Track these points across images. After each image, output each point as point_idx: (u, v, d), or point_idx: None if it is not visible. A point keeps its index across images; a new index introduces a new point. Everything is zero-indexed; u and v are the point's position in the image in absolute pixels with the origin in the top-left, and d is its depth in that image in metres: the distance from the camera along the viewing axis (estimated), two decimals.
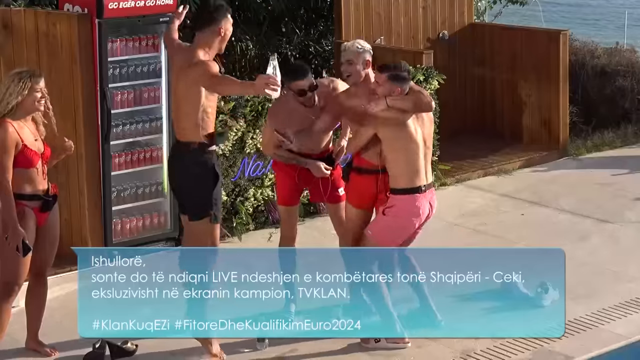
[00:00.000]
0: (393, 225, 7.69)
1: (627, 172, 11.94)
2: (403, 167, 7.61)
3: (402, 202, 7.64)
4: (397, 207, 7.64)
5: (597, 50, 14.09)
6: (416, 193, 7.65)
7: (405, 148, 7.56)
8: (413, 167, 7.62)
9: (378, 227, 7.73)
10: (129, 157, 9.44)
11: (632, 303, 8.46)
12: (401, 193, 7.63)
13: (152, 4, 9.30)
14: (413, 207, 7.67)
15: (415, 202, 7.66)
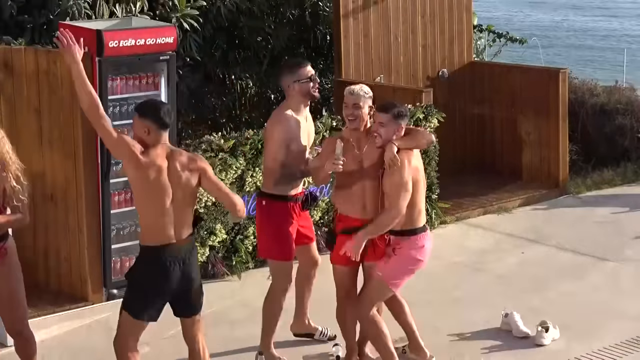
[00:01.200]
0: (403, 265, 7.63)
1: (626, 210, 11.94)
2: (411, 208, 7.53)
3: (411, 242, 7.59)
4: (405, 248, 7.58)
5: (597, 88, 14.12)
6: (423, 232, 7.63)
7: (417, 189, 7.52)
8: (419, 207, 7.60)
9: (389, 268, 7.62)
10: (129, 195, 9.42)
11: (633, 342, 8.44)
12: (409, 234, 7.58)
13: (152, 42, 9.32)
14: (421, 246, 7.64)
15: (423, 241, 7.64)
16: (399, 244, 7.58)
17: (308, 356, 8.20)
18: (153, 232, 6.69)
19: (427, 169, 11.06)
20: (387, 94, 11.39)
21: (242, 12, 12.48)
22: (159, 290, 6.73)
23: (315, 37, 13.07)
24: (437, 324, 8.80)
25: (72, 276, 9.35)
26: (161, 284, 6.70)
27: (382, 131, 7.46)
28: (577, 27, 39.57)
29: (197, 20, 11.31)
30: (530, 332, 8.51)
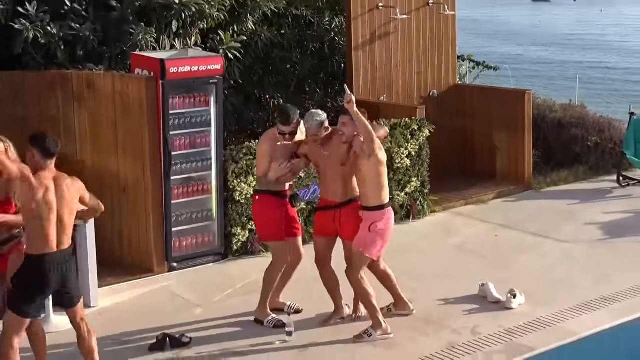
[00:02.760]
0: (373, 236, 7.62)
1: (578, 202, 11.92)
2: (380, 188, 7.60)
3: (379, 215, 7.61)
4: (376, 221, 7.59)
5: (555, 106, 14.11)
6: (388, 207, 7.69)
7: (384, 173, 7.61)
8: (385, 187, 7.65)
9: (362, 241, 7.64)
10: (186, 189, 9.47)
11: (583, 306, 8.43)
12: (379, 209, 7.61)
13: (204, 69, 9.37)
14: (387, 218, 7.68)
15: (388, 214, 7.69)
16: (372, 219, 7.59)
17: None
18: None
19: (420, 169, 11.11)
20: (389, 110, 11.42)
21: (275, 46, 12.51)
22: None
23: (332, 65, 13.08)
24: (427, 291, 8.80)
25: (141, 252, 9.40)
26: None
27: (345, 130, 7.58)
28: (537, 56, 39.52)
29: (239, 52, 11.34)
30: (501, 298, 8.51)
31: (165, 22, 10.61)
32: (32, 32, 9.88)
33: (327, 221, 7.83)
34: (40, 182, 6.31)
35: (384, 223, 7.63)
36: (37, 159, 6.41)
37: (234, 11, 11.61)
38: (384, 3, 12.32)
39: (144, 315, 8.34)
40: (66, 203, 6.40)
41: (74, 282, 6.61)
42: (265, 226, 8.04)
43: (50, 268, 6.33)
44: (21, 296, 6.40)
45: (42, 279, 6.34)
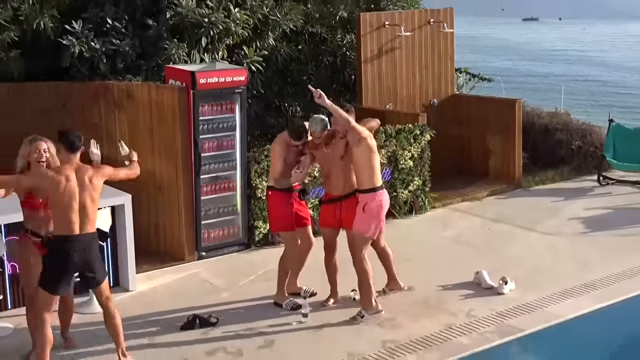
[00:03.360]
0: (368, 216, 7.62)
1: (563, 199, 11.87)
2: (372, 172, 7.61)
3: (372, 196, 7.61)
4: (369, 203, 7.60)
5: (542, 113, 14.06)
6: (380, 190, 7.68)
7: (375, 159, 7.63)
8: (376, 172, 7.65)
9: (359, 224, 7.65)
10: (213, 187, 9.48)
11: (566, 292, 8.40)
12: (372, 191, 7.62)
13: (230, 80, 9.37)
14: (379, 199, 7.66)
15: (381, 196, 7.67)
16: (365, 200, 7.60)
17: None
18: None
19: (422, 170, 11.09)
20: (394, 116, 11.40)
21: (293, 60, 12.50)
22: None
23: (344, 77, 13.07)
24: (428, 278, 8.79)
25: (174, 243, 9.42)
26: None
27: (339, 127, 7.64)
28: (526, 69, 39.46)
29: (261, 65, 11.34)
30: (494, 285, 8.49)
31: (196, 39, 10.63)
32: (78, 47, 9.92)
33: (330, 213, 7.88)
34: (61, 173, 6.35)
35: (375, 203, 7.63)
36: (62, 153, 6.48)
37: (256, 29, 11.62)
38: (390, 22, 12.30)
39: (176, 298, 8.35)
40: (88, 191, 6.40)
41: (98, 264, 6.59)
42: (276, 219, 8.07)
43: (72, 249, 6.34)
44: (48, 275, 6.44)
45: (64, 259, 6.36)
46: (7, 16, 9.77)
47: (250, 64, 11.11)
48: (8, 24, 9.80)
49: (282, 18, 11.83)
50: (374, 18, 12.26)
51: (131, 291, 8.45)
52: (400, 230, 10.45)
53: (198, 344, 7.29)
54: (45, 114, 9.47)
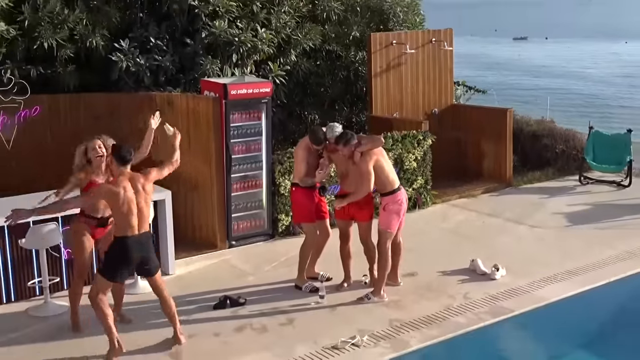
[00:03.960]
0: (390, 214, 7.68)
1: (548, 196, 11.81)
2: (387, 178, 7.67)
3: (392, 198, 7.68)
4: (390, 203, 7.66)
5: (530, 121, 13.99)
6: (398, 191, 7.73)
7: (384, 168, 7.66)
8: (391, 177, 7.71)
9: (382, 220, 7.70)
10: (242, 184, 9.49)
11: (551, 278, 8.37)
12: (391, 193, 7.68)
13: (257, 91, 9.38)
14: (399, 199, 7.72)
15: (399, 196, 7.73)
16: (386, 201, 7.67)
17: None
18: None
19: (424, 170, 11.07)
20: (400, 123, 11.38)
21: (312, 74, 12.51)
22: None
23: (356, 89, 13.05)
24: (429, 265, 8.78)
25: (209, 233, 9.44)
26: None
27: (345, 152, 7.66)
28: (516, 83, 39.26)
29: (284, 78, 11.36)
30: (487, 271, 8.47)
31: (227, 55, 10.66)
32: (126, 63, 9.97)
33: (344, 207, 7.86)
34: (119, 186, 6.41)
35: (396, 204, 7.68)
36: (114, 165, 6.56)
37: (280, 47, 11.64)
38: (397, 41, 12.27)
39: (210, 281, 8.38)
40: (142, 196, 6.49)
41: (152, 257, 6.65)
42: (299, 212, 8.11)
43: (133, 247, 6.41)
44: (110, 266, 6.52)
45: (125, 256, 6.43)
46: (64, 36, 9.84)
47: (275, 78, 11.13)
48: (65, 42, 9.86)
49: (302, 38, 11.85)
50: (383, 37, 12.24)
51: (171, 275, 8.48)
52: (405, 223, 10.39)
53: (228, 321, 7.32)
54: (97, 121, 9.53)
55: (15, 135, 8.97)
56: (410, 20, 13.39)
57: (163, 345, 6.78)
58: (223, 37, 10.50)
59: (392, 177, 7.74)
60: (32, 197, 8.07)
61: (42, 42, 9.63)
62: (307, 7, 12.27)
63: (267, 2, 11.39)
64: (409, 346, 6.83)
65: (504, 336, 7.52)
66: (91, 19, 10.08)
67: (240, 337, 7.01)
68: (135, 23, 10.58)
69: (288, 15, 11.59)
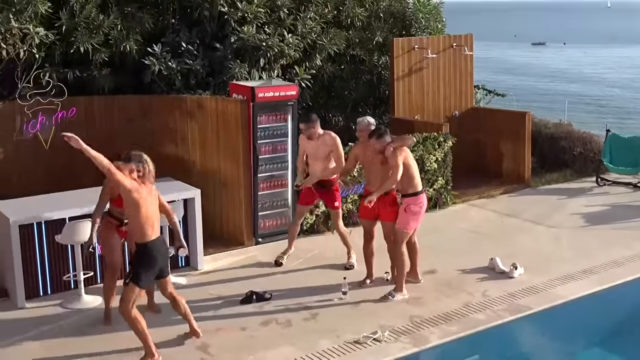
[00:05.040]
0: (409, 216, 7.59)
1: (566, 197, 11.69)
2: (411, 179, 7.58)
3: (414, 200, 7.59)
4: (411, 204, 7.57)
5: (548, 124, 13.85)
6: (421, 194, 7.66)
7: (411, 167, 7.60)
8: (416, 179, 7.62)
9: (401, 221, 7.61)
10: (269, 184, 9.48)
11: (568, 277, 8.27)
12: (413, 195, 7.60)
13: (283, 94, 9.36)
14: (420, 202, 7.65)
15: (421, 199, 7.66)
16: (407, 203, 7.57)
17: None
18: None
19: (445, 171, 10.99)
20: (421, 126, 11.32)
21: (336, 77, 12.48)
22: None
23: (379, 92, 13.00)
24: (449, 263, 8.71)
25: (235, 230, 9.44)
26: None
27: (377, 146, 7.59)
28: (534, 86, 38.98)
29: (309, 82, 11.34)
30: (506, 269, 8.38)
31: (255, 59, 10.66)
32: (158, 67, 10.00)
33: (368, 206, 7.72)
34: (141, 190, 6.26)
35: (417, 206, 7.62)
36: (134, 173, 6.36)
37: (306, 51, 11.62)
38: (418, 46, 12.22)
39: (237, 277, 8.37)
40: (156, 203, 6.39)
41: (167, 260, 6.54)
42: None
43: (158, 249, 6.29)
44: (139, 272, 6.30)
45: (153, 258, 6.28)
46: (99, 40, 9.89)
47: (301, 81, 11.12)
48: (100, 46, 9.92)
49: (327, 42, 11.82)
50: (405, 42, 12.19)
51: (200, 270, 8.50)
52: (426, 222, 10.24)
53: (254, 316, 7.31)
54: (130, 122, 9.58)
55: (53, 135, 9.03)
56: (432, 26, 13.31)
57: (192, 338, 6.78)
58: (251, 42, 10.50)
59: (417, 178, 7.65)
60: (69, 195, 8.16)
61: (78, 46, 9.69)
62: (332, 13, 12.25)
63: (293, 8, 11.38)
64: (428, 342, 6.78)
65: (522, 333, 7.44)
66: (125, 24, 10.12)
67: (265, 332, 6.99)
68: (167, 28, 10.62)
69: (314, 21, 11.57)
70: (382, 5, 13.09)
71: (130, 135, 9.48)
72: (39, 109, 8.94)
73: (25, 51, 9.19)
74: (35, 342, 6.76)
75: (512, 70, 48.09)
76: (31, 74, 9.16)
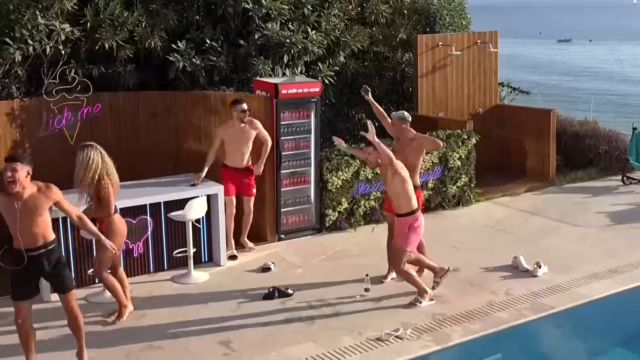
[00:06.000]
0: (409, 235, 7.34)
1: (591, 196, 11.58)
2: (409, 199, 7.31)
3: (411, 219, 7.30)
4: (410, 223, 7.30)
5: (574, 121, 13.74)
6: (417, 212, 7.37)
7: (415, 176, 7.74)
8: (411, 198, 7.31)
9: (408, 241, 7.36)
10: (292, 180, 9.49)
11: (592, 276, 8.20)
12: (410, 214, 7.31)
13: (307, 91, 9.36)
14: (416, 219, 7.34)
15: (417, 218, 7.36)
16: (409, 222, 7.28)
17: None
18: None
19: (468, 169, 10.92)
20: (445, 123, 11.25)
21: (360, 74, 12.43)
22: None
23: (403, 89, 12.95)
24: (472, 261, 8.67)
25: (258, 226, 9.44)
26: None
27: (371, 157, 7.45)
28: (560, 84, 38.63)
29: (333, 78, 11.31)
30: (529, 268, 8.33)
31: (279, 56, 10.65)
32: (182, 63, 10.03)
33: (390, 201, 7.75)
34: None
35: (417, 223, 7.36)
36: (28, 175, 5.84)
37: (329, 48, 11.59)
38: (442, 42, 12.15)
39: (259, 273, 8.39)
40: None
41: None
42: None
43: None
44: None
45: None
46: (124, 37, 9.94)
47: (324, 78, 11.09)
48: (125, 43, 9.97)
49: (351, 39, 11.79)
50: (429, 39, 12.13)
51: (222, 266, 8.52)
52: (449, 220, 10.32)
53: (276, 312, 7.32)
54: (154, 117, 9.62)
55: (78, 131, 9.10)
56: (457, 23, 13.23)
57: (214, 333, 6.81)
58: (275, 38, 10.50)
59: (413, 198, 7.30)
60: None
61: (103, 43, 9.75)
62: (355, 10, 12.22)
63: (317, 5, 11.36)
64: (451, 340, 6.75)
65: (545, 332, 7.38)
66: (150, 21, 10.16)
67: (287, 328, 7.00)
68: (191, 25, 10.64)
69: (337, 18, 11.54)
70: (406, 2, 13.04)
71: (154, 131, 9.53)
72: (65, 105, 9.01)
73: (52, 47, 9.26)
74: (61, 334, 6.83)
75: (537, 68, 47.70)
76: (57, 70, 9.23)
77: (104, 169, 6.81)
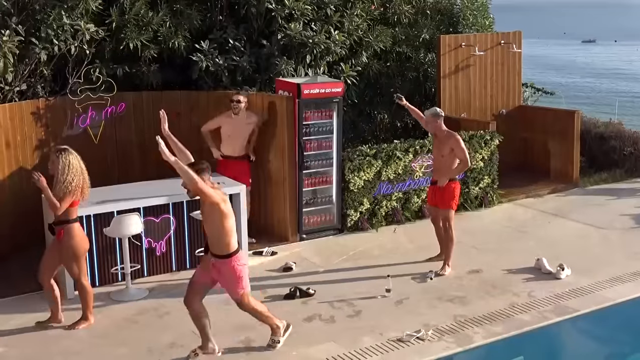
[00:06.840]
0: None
1: (615, 198, 11.47)
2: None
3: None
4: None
5: (598, 122, 13.61)
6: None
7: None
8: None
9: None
10: (313, 180, 9.50)
11: (616, 279, 8.12)
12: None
13: (329, 91, 9.37)
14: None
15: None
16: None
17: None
18: None
19: (491, 170, 10.86)
20: (468, 124, 11.21)
21: (382, 74, 12.42)
22: None
23: (425, 90, 12.90)
24: (495, 262, 8.62)
25: (280, 226, 9.47)
26: None
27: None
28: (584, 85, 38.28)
29: (355, 79, 11.31)
30: (552, 270, 8.27)
31: (301, 56, 10.67)
32: (205, 63, 10.08)
33: (430, 193, 8.45)
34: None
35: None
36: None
37: (352, 48, 11.60)
38: (465, 43, 12.11)
39: (281, 272, 8.41)
40: None
41: None
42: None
43: None
44: None
45: None
46: (148, 37, 10.02)
47: (346, 78, 11.10)
48: (149, 43, 10.04)
49: (373, 40, 11.78)
50: (452, 40, 12.08)
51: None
52: (471, 221, 10.27)
53: (298, 312, 7.33)
54: (178, 116, 9.67)
55: (102, 130, 9.18)
56: (480, 23, 13.17)
57: (236, 332, 6.84)
58: (298, 39, 10.52)
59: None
60: (116, 189, 8.29)
61: (127, 42, 9.82)
62: (378, 10, 12.20)
63: (340, 5, 11.37)
64: (472, 342, 6.72)
65: (568, 335, 7.32)
66: (174, 21, 10.23)
67: (308, 327, 7.01)
68: (215, 25, 10.69)
69: (360, 18, 11.54)
70: (429, 2, 13.00)
71: (178, 130, 9.52)
72: (89, 104, 9.09)
73: (77, 47, 9.35)
74: (85, 330, 6.90)
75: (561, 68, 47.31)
76: (82, 70, 9.32)
77: (84, 173, 6.73)
